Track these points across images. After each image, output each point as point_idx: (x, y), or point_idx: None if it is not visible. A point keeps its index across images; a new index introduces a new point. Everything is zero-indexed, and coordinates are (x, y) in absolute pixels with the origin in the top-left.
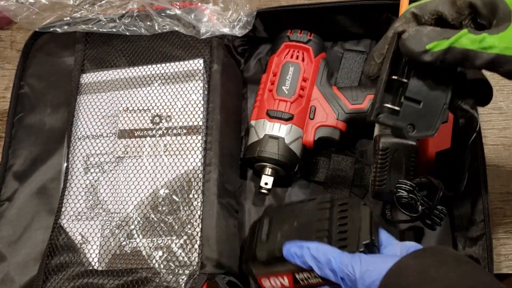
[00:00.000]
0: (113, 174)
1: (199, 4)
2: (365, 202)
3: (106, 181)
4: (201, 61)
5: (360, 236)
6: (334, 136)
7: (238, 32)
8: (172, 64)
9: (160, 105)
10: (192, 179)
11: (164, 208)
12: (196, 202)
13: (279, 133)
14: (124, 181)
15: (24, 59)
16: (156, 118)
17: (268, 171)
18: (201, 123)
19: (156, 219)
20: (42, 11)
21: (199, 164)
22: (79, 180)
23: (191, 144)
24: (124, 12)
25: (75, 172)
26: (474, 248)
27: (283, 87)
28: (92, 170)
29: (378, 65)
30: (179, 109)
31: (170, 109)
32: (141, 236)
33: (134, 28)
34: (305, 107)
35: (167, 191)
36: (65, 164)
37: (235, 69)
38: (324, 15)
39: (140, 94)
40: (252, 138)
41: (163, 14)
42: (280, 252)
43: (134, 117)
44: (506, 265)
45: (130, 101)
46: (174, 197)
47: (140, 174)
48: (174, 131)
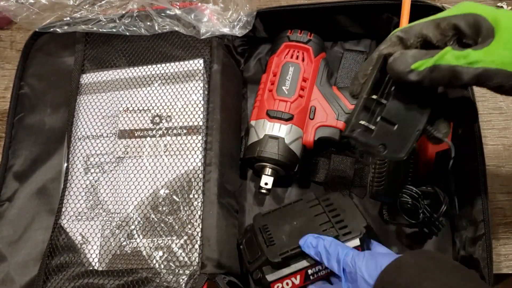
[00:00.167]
0: (113, 174)
1: (199, 4)
2: (344, 193)
3: (106, 181)
4: (201, 61)
5: (358, 222)
6: (334, 136)
7: (238, 32)
8: (172, 64)
9: (160, 105)
10: (192, 179)
11: (165, 208)
12: (197, 202)
13: (279, 133)
14: (124, 181)
15: (24, 59)
16: (156, 118)
17: (268, 171)
18: (201, 123)
19: (157, 219)
20: (42, 11)
21: (199, 164)
22: (79, 180)
23: (191, 144)
24: (124, 12)
25: (75, 172)
26: (474, 248)
27: (283, 87)
28: (92, 170)
29: (362, 85)
30: (179, 109)
31: (170, 109)
32: (142, 236)
33: (134, 28)
34: (305, 107)
35: (168, 191)
36: (65, 164)
37: (235, 69)
38: (324, 15)
39: (140, 94)
40: (252, 138)
41: (163, 14)
42: (294, 250)
43: (134, 117)
44: (506, 265)
45: (130, 101)
46: (175, 197)
47: (140, 174)
48: (174, 131)
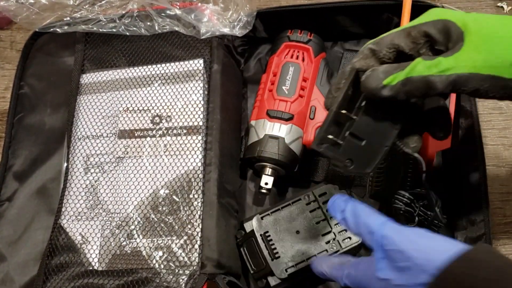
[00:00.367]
0: (113, 174)
1: (199, 4)
2: (336, 186)
3: (106, 181)
4: (201, 61)
5: None
6: None
7: (238, 32)
8: (172, 64)
9: (160, 105)
10: (192, 179)
11: (164, 208)
12: (196, 202)
13: (279, 133)
14: (124, 181)
15: (24, 59)
16: (156, 118)
17: (268, 171)
18: (201, 123)
19: (156, 219)
20: (42, 11)
21: (199, 164)
22: (79, 180)
23: (191, 144)
24: (124, 12)
25: (75, 172)
26: None
27: (283, 87)
28: (92, 170)
29: (334, 99)
30: (179, 109)
31: (170, 109)
32: (141, 236)
33: (134, 28)
34: (305, 107)
35: (167, 191)
36: (65, 164)
37: (235, 69)
38: (324, 15)
39: (140, 94)
40: (252, 138)
41: (163, 14)
42: (300, 266)
43: (134, 117)
44: None
45: (130, 101)
46: (174, 197)
47: (140, 174)
48: (174, 131)
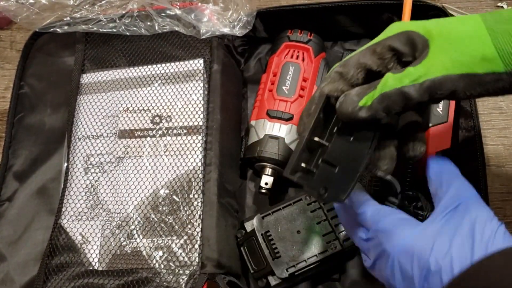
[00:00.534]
0: (113, 174)
1: (199, 4)
2: None
3: (106, 181)
4: (201, 61)
5: None
6: None
7: (238, 32)
8: (172, 64)
9: (160, 105)
10: (192, 179)
11: (165, 208)
12: (196, 202)
13: (279, 133)
14: (125, 181)
15: (24, 59)
16: (156, 118)
17: (268, 171)
18: (201, 123)
19: (157, 219)
20: (42, 11)
21: (199, 164)
22: (79, 180)
23: (191, 144)
24: (124, 12)
25: (75, 172)
26: None
27: (283, 87)
28: (93, 170)
29: (305, 124)
30: (179, 109)
31: (170, 109)
32: (142, 236)
33: (134, 28)
34: None
35: (167, 191)
36: (65, 164)
37: (235, 69)
38: (324, 15)
39: (140, 94)
40: (252, 138)
41: (163, 14)
42: (300, 265)
43: (134, 117)
44: None
45: (130, 101)
46: (174, 197)
47: (140, 174)
48: (174, 131)
